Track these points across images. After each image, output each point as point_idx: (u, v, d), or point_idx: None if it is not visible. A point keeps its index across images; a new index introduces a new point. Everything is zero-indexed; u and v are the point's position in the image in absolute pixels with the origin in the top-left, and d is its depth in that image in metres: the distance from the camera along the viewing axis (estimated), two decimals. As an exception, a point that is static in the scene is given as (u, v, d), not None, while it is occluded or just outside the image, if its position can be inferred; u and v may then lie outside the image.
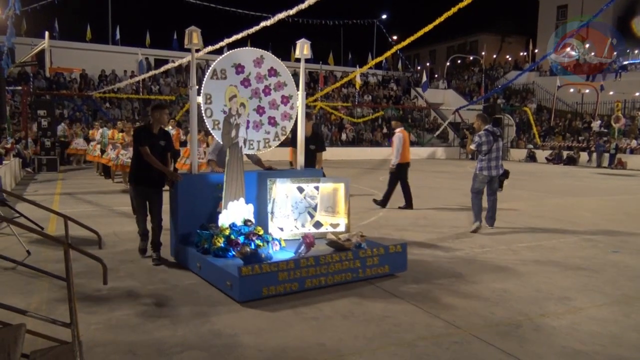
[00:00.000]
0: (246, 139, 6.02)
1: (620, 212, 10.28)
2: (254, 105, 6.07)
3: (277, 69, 6.20)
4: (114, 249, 6.41)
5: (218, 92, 5.79)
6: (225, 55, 5.92)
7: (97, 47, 31.48)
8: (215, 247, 5.22)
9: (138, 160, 5.73)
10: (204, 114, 5.66)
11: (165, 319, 4.13)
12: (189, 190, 5.75)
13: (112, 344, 3.65)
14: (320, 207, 6.17)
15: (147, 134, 5.76)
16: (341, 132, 30.53)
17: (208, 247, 5.28)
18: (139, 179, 5.78)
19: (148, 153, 5.60)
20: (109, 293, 4.74)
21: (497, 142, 7.95)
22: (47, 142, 17.47)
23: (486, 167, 7.90)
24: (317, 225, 6.16)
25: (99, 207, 9.86)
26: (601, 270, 5.84)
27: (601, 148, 24.58)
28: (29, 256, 5.88)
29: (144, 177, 5.73)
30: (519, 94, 36.72)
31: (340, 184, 6.30)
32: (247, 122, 6.01)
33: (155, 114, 5.85)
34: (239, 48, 6.10)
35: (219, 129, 5.79)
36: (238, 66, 5.89)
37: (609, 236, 7.76)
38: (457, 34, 50.49)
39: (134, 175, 5.84)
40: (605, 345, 3.75)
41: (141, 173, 5.74)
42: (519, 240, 7.37)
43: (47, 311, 4.13)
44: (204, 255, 5.26)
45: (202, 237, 5.41)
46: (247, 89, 5.99)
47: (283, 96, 6.29)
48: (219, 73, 5.80)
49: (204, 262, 5.19)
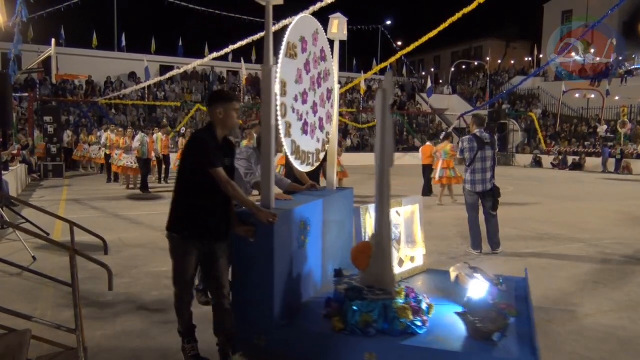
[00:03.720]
0: (302, 151, 4.13)
1: (627, 217, 10.21)
2: (311, 100, 4.28)
3: (326, 50, 4.53)
4: (119, 255, 6.42)
5: (291, 79, 3.87)
6: (295, 22, 3.99)
7: (103, 53, 31.68)
8: (404, 323, 3.24)
9: (194, 194, 3.26)
10: (279, 112, 3.65)
11: (170, 325, 4.12)
12: (283, 235, 3.48)
13: (117, 350, 3.65)
14: (404, 238, 4.55)
15: (216, 145, 3.29)
16: (346, 138, 30.54)
17: (384, 325, 3.24)
18: (196, 228, 3.26)
19: (228, 180, 3.20)
20: (115, 299, 4.74)
21: (483, 150, 6.55)
22: (53, 148, 17.58)
23: (469, 181, 6.64)
24: (399, 263, 4.44)
25: (104, 213, 9.89)
26: (608, 276, 5.80)
27: (607, 153, 24.47)
28: (35, 262, 5.90)
29: (206, 224, 3.27)
30: (524, 99, 36.66)
31: (416, 205, 4.89)
32: (304, 125, 4.16)
33: (219, 109, 3.30)
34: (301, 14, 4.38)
35: (290, 136, 3.87)
36: (303, 41, 4.06)
37: (615, 242, 7.70)
38: (462, 39, 50.45)
39: (184, 222, 3.29)
40: (613, 352, 3.73)
41: (200, 217, 3.26)
42: (524, 246, 7.33)
43: (53, 317, 4.13)
44: (374, 336, 3.18)
45: (366, 311, 3.26)
46: (308, 75, 4.16)
47: (328, 89, 4.62)
48: (292, 48, 3.86)
49: (391, 351, 3.13)
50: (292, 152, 3.94)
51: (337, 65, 4.74)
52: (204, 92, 31.28)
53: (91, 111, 26.23)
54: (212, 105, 3.33)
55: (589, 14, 36.05)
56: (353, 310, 3.26)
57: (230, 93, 3.47)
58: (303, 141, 4.12)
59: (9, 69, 15.07)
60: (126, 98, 26.43)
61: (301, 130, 4.07)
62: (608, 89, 29.57)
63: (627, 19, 36.76)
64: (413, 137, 32.20)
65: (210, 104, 3.35)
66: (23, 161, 15.33)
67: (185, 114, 26.93)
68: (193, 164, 3.24)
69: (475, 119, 6.95)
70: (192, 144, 3.31)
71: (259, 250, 3.34)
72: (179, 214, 3.30)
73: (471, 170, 6.60)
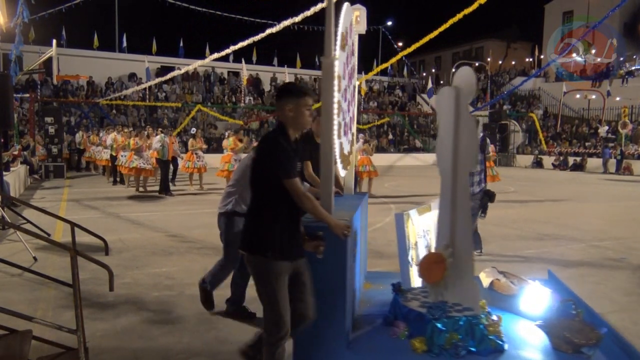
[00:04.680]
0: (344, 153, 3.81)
1: (628, 218, 10.21)
2: (349, 97, 3.97)
3: (355, 43, 4.23)
4: (120, 256, 6.42)
5: (341, 74, 3.53)
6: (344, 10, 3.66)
7: (104, 54, 31.73)
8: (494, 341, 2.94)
9: (272, 207, 2.82)
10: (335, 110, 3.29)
11: (170, 325, 4.13)
12: (352, 249, 3.24)
13: (118, 350, 3.65)
14: (434, 245, 3.96)
15: (291, 149, 2.85)
16: (347, 139, 30.55)
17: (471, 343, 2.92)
18: (285, 247, 2.80)
19: (304, 192, 2.80)
20: (115, 299, 4.74)
21: None
22: (54, 149, 17.60)
23: None
24: None
25: (105, 213, 9.90)
26: (609, 277, 5.79)
27: (608, 154, 24.46)
28: (36, 262, 5.90)
29: (293, 241, 2.86)
30: (525, 100, 36.65)
31: (435, 210, 4.64)
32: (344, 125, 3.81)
33: (289, 105, 2.84)
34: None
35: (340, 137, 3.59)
36: (347, 32, 3.72)
37: (616, 243, 7.70)
38: (463, 40, 50.49)
39: (268, 241, 2.79)
40: (614, 353, 3.72)
41: (287, 234, 2.83)
42: (526, 246, 7.33)
43: (54, 317, 4.13)
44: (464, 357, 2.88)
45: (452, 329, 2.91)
46: (347, 69, 3.82)
47: (354, 87, 4.31)
48: (343, 39, 3.47)
49: None
50: (339, 155, 3.61)
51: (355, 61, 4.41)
52: (204, 92, 31.30)
53: (92, 112, 26.25)
54: (281, 101, 2.86)
55: (590, 14, 36.06)
56: (439, 330, 2.89)
57: (303, 87, 2.99)
58: (344, 142, 3.86)
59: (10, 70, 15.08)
60: (127, 99, 26.46)
61: (342, 131, 3.74)
62: (609, 90, 29.57)
63: (628, 20, 36.77)
64: (414, 138, 32.21)
65: (279, 100, 2.88)
66: (24, 162, 15.35)
67: (186, 114, 26.94)
68: (266, 173, 2.80)
69: None
70: (266, 148, 2.86)
71: (329, 267, 2.96)
72: (258, 231, 2.81)
73: None
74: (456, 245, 3.17)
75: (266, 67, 35.17)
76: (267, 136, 2.95)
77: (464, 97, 3.21)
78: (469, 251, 3.15)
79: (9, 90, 8.12)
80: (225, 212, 4.29)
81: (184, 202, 11.67)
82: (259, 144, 2.97)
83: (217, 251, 6.46)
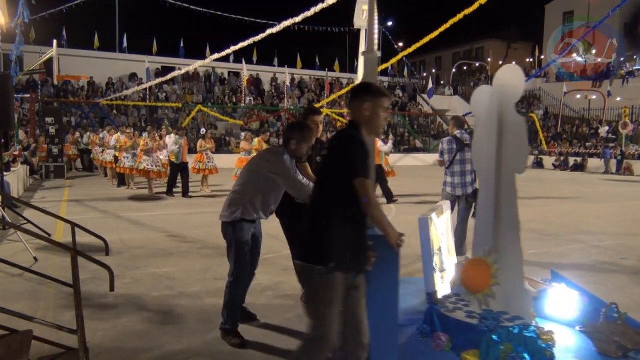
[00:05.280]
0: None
1: (628, 218, 10.20)
2: None
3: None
4: (120, 256, 6.42)
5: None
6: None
7: (105, 55, 31.74)
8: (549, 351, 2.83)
9: (342, 211, 2.53)
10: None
11: (171, 326, 4.13)
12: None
13: (118, 350, 3.65)
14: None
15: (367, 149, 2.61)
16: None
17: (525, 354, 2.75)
18: (351, 257, 2.53)
19: (377, 200, 2.55)
20: (116, 300, 4.74)
21: (462, 152, 6.30)
22: (54, 149, 17.60)
23: (449, 184, 6.39)
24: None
25: (105, 213, 9.90)
26: (610, 277, 5.79)
27: (609, 154, 24.45)
28: (36, 263, 5.90)
29: (360, 252, 2.58)
30: (526, 100, 36.65)
31: (448, 211, 4.45)
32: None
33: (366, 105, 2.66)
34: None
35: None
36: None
37: (617, 243, 7.70)
38: (463, 40, 50.52)
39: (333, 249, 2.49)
40: (615, 354, 3.71)
41: (354, 243, 2.56)
42: (527, 247, 7.27)
43: (54, 318, 4.13)
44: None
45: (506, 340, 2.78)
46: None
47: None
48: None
49: None
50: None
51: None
52: (205, 93, 31.31)
53: (92, 112, 26.27)
54: (357, 100, 2.67)
55: (590, 14, 36.04)
56: (494, 342, 2.74)
57: (382, 88, 2.79)
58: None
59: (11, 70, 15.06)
60: (127, 99, 26.49)
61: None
62: (609, 90, 29.56)
63: (628, 20, 36.76)
64: (414, 139, 32.20)
65: (355, 98, 2.69)
66: (25, 162, 15.36)
67: (187, 115, 26.95)
68: (337, 171, 2.53)
69: (454, 121, 6.75)
70: (340, 143, 2.62)
71: (381, 279, 2.71)
72: (321, 238, 2.52)
73: (450, 172, 6.38)
74: (503, 252, 3.02)
75: (267, 68, 35.20)
76: (341, 132, 2.73)
77: (508, 97, 3.05)
78: (517, 257, 3.01)
79: (9, 91, 8.11)
80: (232, 221, 3.77)
81: (184, 203, 11.67)
82: (333, 140, 2.72)
83: (218, 251, 6.47)
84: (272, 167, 3.67)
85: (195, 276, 5.58)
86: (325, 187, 2.60)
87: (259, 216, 3.86)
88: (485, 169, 3.07)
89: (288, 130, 3.91)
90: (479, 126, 3.15)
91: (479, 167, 3.17)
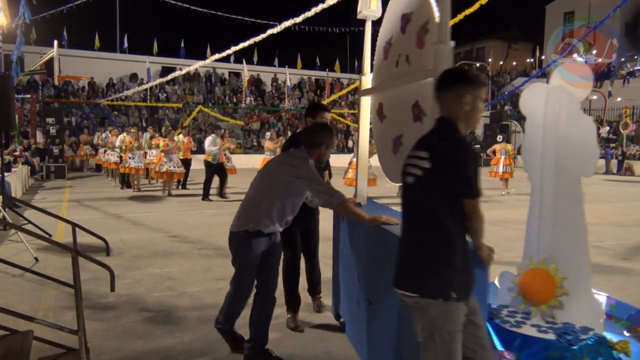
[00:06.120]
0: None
1: (629, 219, 10.19)
2: None
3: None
4: (121, 256, 6.43)
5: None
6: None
7: (105, 55, 31.73)
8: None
9: (456, 234, 2.20)
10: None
11: (171, 326, 4.13)
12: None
13: (119, 350, 3.65)
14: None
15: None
16: (347, 139, 30.54)
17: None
18: (467, 283, 2.22)
19: (484, 218, 2.25)
20: (116, 300, 4.74)
21: None
22: (55, 149, 17.60)
23: None
24: None
25: (106, 214, 9.90)
26: (610, 277, 5.79)
27: (609, 155, 24.44)
28: (37, 263, 5.91)
29: (472, 275, 2.24)
30: (526, 101, 36.61)
31: None
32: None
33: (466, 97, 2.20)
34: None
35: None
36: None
37: (618, 244, 7.69)
38: (464, 40, 50.47)
39: (455, 279, 2.16)
40: (615, 354, 3.71)
41: (467, 266, 2.21)
42: (526, 247, 7.31)
43: (55, 318, 4.13)
44: None
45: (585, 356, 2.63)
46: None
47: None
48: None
49: None
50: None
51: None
52: (205, 93, 31.32)
53: (93, 113, 26.27)
54: (453, 89, 2.19)
55: (591, 15, 36.03)
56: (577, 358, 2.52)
57: (480, 75, 2.33)
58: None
59: (12, 71, 15.08)
60: (128, 99, 26.47)
61: None
62: (610, 90, 29.56)
63: (629, 20, 36.75)
64: (415, 139, 32.15)
65: (451, 87, 2.21)
66: (25, 162, 15.37)
67: (187, 115, 26.95)
68: (446, 185, 2.13)
69: None
70: (452, 153, 2.14)
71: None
72: (436, 267, 2.15)
73: None
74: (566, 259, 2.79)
75: (267, 68, 35.16)
76: (448, 137, 2.20)
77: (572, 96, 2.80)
78: (585, 265, 2.79)
79: (10, 91, 8.13)
80: (246, 230, 3.37)
81: (184, 203, 11.67)
82: (440, 146, 2.18)
83: (218, 252, 6.48)
84: (298, 172, 3.30)
85: (195, 276, 5.59)
86: (429, 202, 2.17)
87: (275, 228, 3.43)
88: (539, 172, 2.85)
89: (317, 133, 3.52)
90: (530, 128, 2.94)
91: (529, 169, 2.95)
